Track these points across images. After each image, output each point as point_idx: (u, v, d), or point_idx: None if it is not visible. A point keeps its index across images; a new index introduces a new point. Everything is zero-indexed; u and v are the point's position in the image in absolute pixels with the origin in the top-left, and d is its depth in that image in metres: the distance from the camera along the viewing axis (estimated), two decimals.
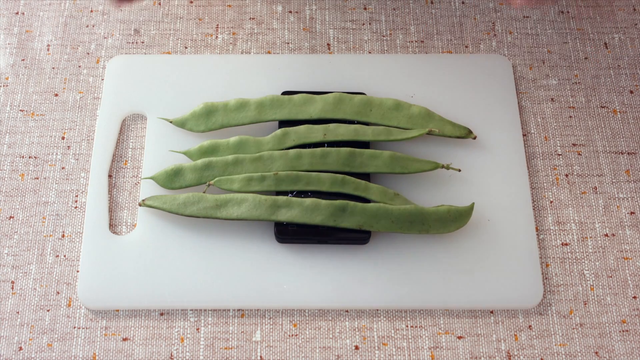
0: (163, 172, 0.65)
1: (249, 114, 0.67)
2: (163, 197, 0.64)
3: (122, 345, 0.62)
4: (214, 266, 0.63)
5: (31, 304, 0.63)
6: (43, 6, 0.77)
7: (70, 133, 0.70)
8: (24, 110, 0.71)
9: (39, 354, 0.61)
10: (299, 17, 0.77)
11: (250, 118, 0.67)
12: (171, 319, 0.63)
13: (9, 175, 0.68)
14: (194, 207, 0.63)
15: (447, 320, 0.63)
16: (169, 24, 0.76)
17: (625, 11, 0.77)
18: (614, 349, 0.62)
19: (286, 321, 0.63)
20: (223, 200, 0.63)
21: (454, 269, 0.64)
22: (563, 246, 0.66)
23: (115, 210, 0.67)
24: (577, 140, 0.71)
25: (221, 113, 0.68)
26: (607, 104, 0.73)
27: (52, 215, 0.67)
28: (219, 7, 0.77)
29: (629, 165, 0.70)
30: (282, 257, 0.64)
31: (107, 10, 0.76)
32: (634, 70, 0.74)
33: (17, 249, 0.65)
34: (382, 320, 0.63)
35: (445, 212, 0.64)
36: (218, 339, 0.62)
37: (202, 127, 0.68)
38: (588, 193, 0.68)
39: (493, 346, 0.62)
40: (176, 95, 0.71)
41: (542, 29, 0.76)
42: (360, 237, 0.64)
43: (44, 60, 0.74)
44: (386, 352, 0.62)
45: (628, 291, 0.64)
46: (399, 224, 0.63)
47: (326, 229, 0.63)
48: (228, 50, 0.75)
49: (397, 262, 0.64)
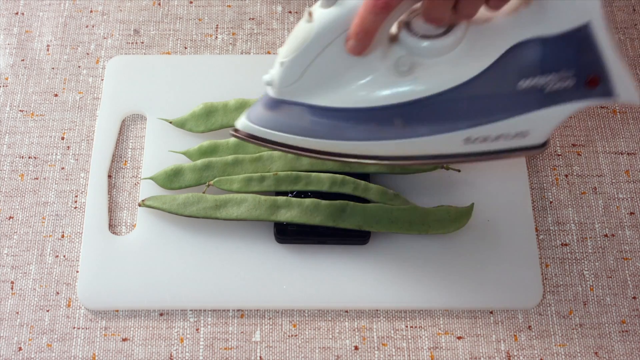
0: (163, 172, 0.65)
1: None
2: (163, 197, 0.64)
3: (122, 346, 0.62)
4: (214, 266, 0.63)
5: (31, 304, 0.63)
6: (43, 6, 0.77)
7: (70, 133, 0.70)
8: (23, 110, 0.71)
9: (39, 354, 0.61)
10: (299, 17, 0.77)
11: None
12: (171, 319, 0.63)
13: (9, 176, 0.68)
14: (194, 207, 0.63)
15: (447, 320, 0.63)
16: (169, 24, 0.76)
17: (625, 11, 0.77)
18: (613, 349, 0.62)
19: (286, 321, 0.63)
20: (223, 201, 0.63)
21: (454, 269, 0.64)
22: (563, 246, 0.66)
23: (115, 210, 0.67)
24: (576, 141, 0.71)
25: (221, 113, 0.68)
26: (607, 104, 0.73)
27: (51, 216, 0.67)
28: (218, 7, 0.77)
29: (628, 165, 0.70)
30: (281, 257, 0.64)
31: (106, 10, 0.76)
32: (634, 71, 0.74)
33: (17, 249, 0.65)
34: (381, 321, 0.63)
35: (445, 212, 0.64)
36: (218, 339, 0.62)
37: (202, 128, 0.68)
38: (588, 193, 0.68)
39: (493, 346, 0.62)
40: (176, 95, 0.71)
41: None
42: (360, 238, 0.64)
43: (43, 60, 0.74)
44: (386, 353, 0.62)
45: (628, 291, 0.64)
46: (398, 224, 0.63)
47: (326, 229, 0.63)
48: (228, 51, 0.75)
49: (397, 262, 0.64)
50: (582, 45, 0.52)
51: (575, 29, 0.52)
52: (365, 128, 0.56)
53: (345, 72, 0.55)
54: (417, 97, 0.54)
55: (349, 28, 0.52)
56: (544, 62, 0.53)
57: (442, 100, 0.54)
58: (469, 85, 0.54)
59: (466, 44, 0.54)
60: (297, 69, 0.54)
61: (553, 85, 0.54)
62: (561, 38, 0.52)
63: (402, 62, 0.54)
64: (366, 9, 0.50)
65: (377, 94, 0.55)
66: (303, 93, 0.55)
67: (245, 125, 0.58)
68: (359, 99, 0.55)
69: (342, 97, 0.55)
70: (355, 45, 0.52)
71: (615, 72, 0.53)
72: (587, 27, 0.52)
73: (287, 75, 0.55)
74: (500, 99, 0.54)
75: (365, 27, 0.51)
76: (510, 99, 0.54)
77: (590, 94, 0.54)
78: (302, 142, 0.57)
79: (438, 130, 0.55)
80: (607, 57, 0.53)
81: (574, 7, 0.52)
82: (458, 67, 0.54)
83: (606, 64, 0.53)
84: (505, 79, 0.54)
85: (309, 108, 0.56)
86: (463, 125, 0.55)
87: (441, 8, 0.50)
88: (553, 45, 0.53)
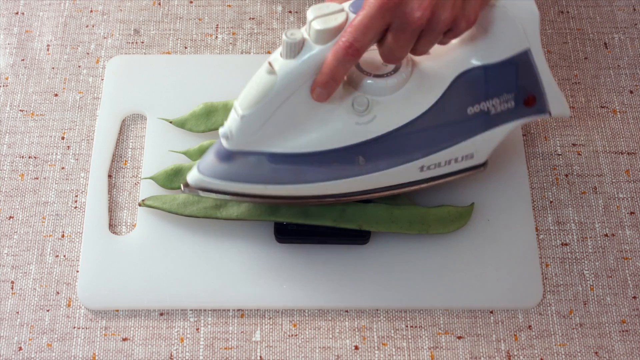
0: (163, 172, 0.65)
1: None
2: (163, 197, 0.64)
3: (122, 345, 0.62)
4: (214, 266, 0.63)
5: (31, 304, 0.63)
6: (43, 6, 0.77)
7: (70, 133, 0.70)
8: (23, 110, 0.71)
9: (39, 354, 0.61)
10: (299, 17, 0.77)
11: None
12: (171, 319, 0.63)
13: (9, 175, 0.68)
14: (194, 207, 0.63)
15: (447, 320, 0.63)
16: (169, 24, 0.76)
17: (625, 11, 0.77)
18: (613, 349, 0.62)
19: (286, 321, 0.63)
20: (223, 201, 0.63)
21: (454, 269, 0.64)
22: (563, 246, 0.66)
23: (115, 210, 0.67)
24: (577, 140, 0.71)
25: (221, 113, 0.68)
26: (607, 104, 0.73)
27: (51, 215, 0.67)
28: (218, 7, 0.77)
29: (628, 165, 0.70)
30: (282, 257, 0.64)
31: (106, 10, 0.76)
32: (634, 70, 0.74)
33: (17, 249, 0.65)
34: (381, 320, 0.63)
35: (445, 212, 0.64)
36: (218, 339, 0.62)
37: (202, 127, 0.68)
38: (588, 193, 0.68)
39: (493, 346, 0.62)
40: (176, 95, 0.71)
41: (542, 28, 0.76)
42: (360, 238, 0.64)
43: (43, 60, 0.74)
44: (386, 352, 0.62)
45: (628, 291, 0.64)
46: (398, 223, 0.63)
47: (326, 229, 0.63)
48: (228, 50, 0.75)
49: (397, 262, 0.64)
50: (521, 69, 0.57)
51: (516, 55, 0.57)
52: (327, 169, 0.57)
53: (305, 118, 0.55)
54: (377, 134, 0.56)
55: (312, 77, 0.53)
56: (489, 87, 0.57)
57: (400, 134, 0.57)
58: (424, 117, 0.57)
59: (416, 79, 0.56)
60: (258, 122, 0.55)
61: (497, 108, 0.58)
62: (503, 64, 0.57)
63: (358, 102, 0.56)
64: (336, 58, 0.51)
65: (338, 136, 0.56)
66: (262, 142, 0.56)
67: (198, 178, 0.58)
68: (320, 142, 0.56)
69: (303, 143, 0.56)
70: (323, 93, 0.53)
71: (548, 90, 0.59)
72: (526, 53, 0.57)
73: (248, 128, 0.55)
74: (452, 127, 0.58)
75: (334, 75, 0.52)
76: (460, 126, 0.58)
77: (527, 112, 0.59)
78: (260, 189, 0.58)
79: (396, 162, 0.58)
80: (542, 78, 0.58)
81: (516, 35, 0.56)
82: (412, 101, 0.56)
83: (541, 84, 0.58)
84: (455, 107, 0.57)
85: (268, 156, 0.56)
86: (419, 155, 0.58)
87: (405, 49, 0.52)
88: (496, 71, 0.57)
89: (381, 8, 0.49)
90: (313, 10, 0.51)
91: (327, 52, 0.52)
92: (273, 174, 0.57)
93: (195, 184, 0.59)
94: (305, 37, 0.52)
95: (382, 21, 0.50)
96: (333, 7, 0.51)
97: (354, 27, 0.50)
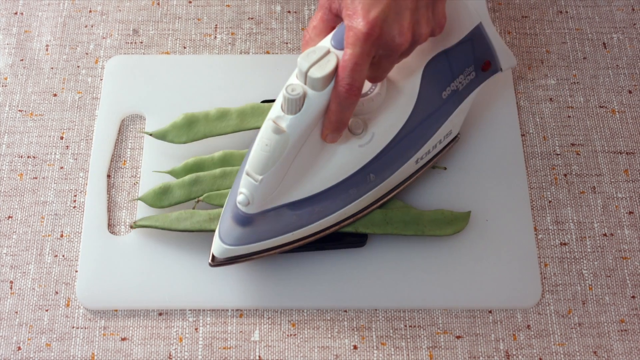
0: (151, 191, 0.64)
1: (231, 123, 0.66)
2: (155, 217, 0.63)
3: (121, 345, 0.62)
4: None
5: (30, 303, 0.63)
6: (42, 6, 0.77)
7: (69, 133, 0.70)
8: (22, 110, 0.71)
9: (38, 354, 0.61)
10: (298, 17, 0.77)
11: (232, 127, 0.66)
12: (170, 318, 0.63)
13: (8, 175, 0.68)
14: (187, 222, 0.63)
15: (446, 320, 0.63)
16: (168, 24, 0.76)
17: (623, 11, 0.77)
18: (612, 348, 0.62)
19: (285, 321, 0.63)
20: (216, 214, 0.63)
21: (453, 269, 0.64)
22: (561, 246, 0.66)
23: (114, 210, 0.67)
24: (575, 140, 0.71)
25: (202, 123, 0.66)
26: (606, 104, 0.73)
27: (50, 215, 0.67)
28: (217, 7, 0.77)
29: (627, 165, 0.70)
30: (281, 257, 0.64)
31: (105, 10, 0.76)
32: (633, 70, 0.74)
33: (16, 249, 0.65)
34: (380, 320, 0.63)
35: (440, 213, 0.64)
36: (217, 339, 0.62)
37: (183, 138, 0.66)
38: (587, 193, 0.68)
39: (492, 346, 0.62)
40: (175, 95, 0.71)
41: (541, 28, 0.76)
42: (357, 241, 0.64)
43: (42, 60, 0.74)
44: (385, 352, 0.62)
45: (627, 291, 0.64)
46: (393, 224, 0.63)
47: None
48: (227, 51, 0.75)
49: (396, 262, 0.64)
50: (476, 42, 0.61)
51: (470, 32, 0.60)
52: (345, 196, 0.59)
53: (315, 159, 0.57)
54: (380, 149, 0.59)
55: (318, 123, 0.54)
56: (454, 68, 0.60)
57: (398, 140, 0.59)
58: (412, 117, 0.59)
59: (392, 85, 0.59)
60: (276, 181, 0.56)
61: (463, 83, 0.62)
62: (461, 43, 0.60)
63: (355, 126, 0.58)
64: (340, 103, 0.52)
65: (347, 164, 0.58)
66: (280, 196, 0.57)
67: (226, 250, 0.59)
68: (334, 175, 0.58)
69: (317, 182, 0.58)
70: (336, 136, 0.56)
71: (499, 50, 0.62)
72: (478, 27, 0.60)
73: (268, 190, 0.56)
74: (434, 114, 0.61)
75: (342, 119, 0.54)
76: (440, 111, 0.61)
77: (485, 76, 0.63)
78: (287, 238, 0.59)
79: (399, 165, 0.61)
80: (493, 42, 0.62)
81: (467, 14, 0.60)
82: (398, 107, 0.59)
83: (493, 48, 0.62)
84: (432, 96, 0.60)
85: (289, 206, 0.58)
86: (415, 151, 0.61)
87: (390, 70, 0.54)
88: (457, 51, 0.60)
89: (366, 44, 0.50)
90: (303, 58, 0.51)
91: (327, 97, 0.53)
92: (297, 220, 0.59)
93: (224, 256, 0.59)
94: (305, 88, 0.52)
95: (370, 56, 0.51)
96: (320, 51, 0.52)
97: (348, 69, 0.51)
